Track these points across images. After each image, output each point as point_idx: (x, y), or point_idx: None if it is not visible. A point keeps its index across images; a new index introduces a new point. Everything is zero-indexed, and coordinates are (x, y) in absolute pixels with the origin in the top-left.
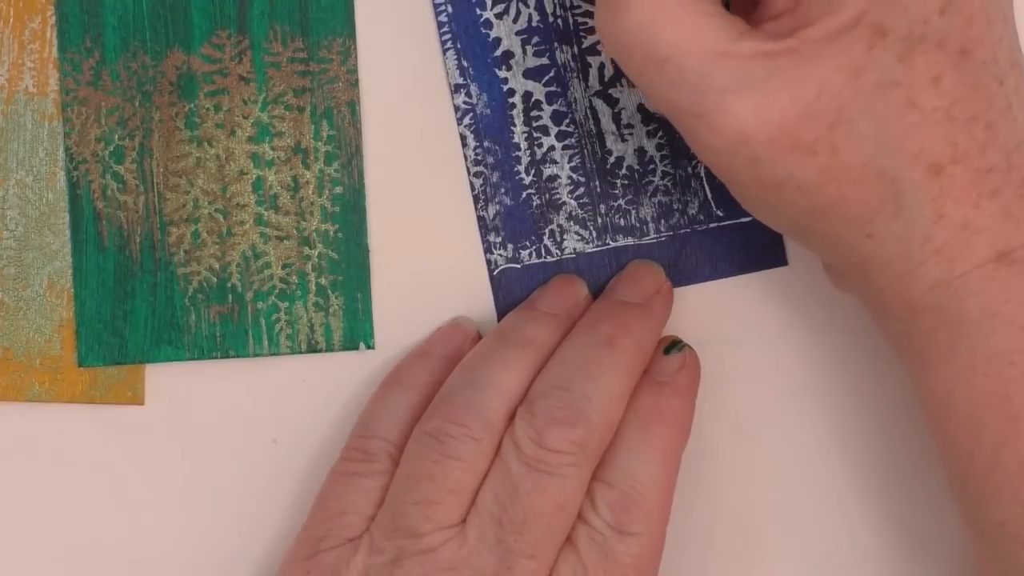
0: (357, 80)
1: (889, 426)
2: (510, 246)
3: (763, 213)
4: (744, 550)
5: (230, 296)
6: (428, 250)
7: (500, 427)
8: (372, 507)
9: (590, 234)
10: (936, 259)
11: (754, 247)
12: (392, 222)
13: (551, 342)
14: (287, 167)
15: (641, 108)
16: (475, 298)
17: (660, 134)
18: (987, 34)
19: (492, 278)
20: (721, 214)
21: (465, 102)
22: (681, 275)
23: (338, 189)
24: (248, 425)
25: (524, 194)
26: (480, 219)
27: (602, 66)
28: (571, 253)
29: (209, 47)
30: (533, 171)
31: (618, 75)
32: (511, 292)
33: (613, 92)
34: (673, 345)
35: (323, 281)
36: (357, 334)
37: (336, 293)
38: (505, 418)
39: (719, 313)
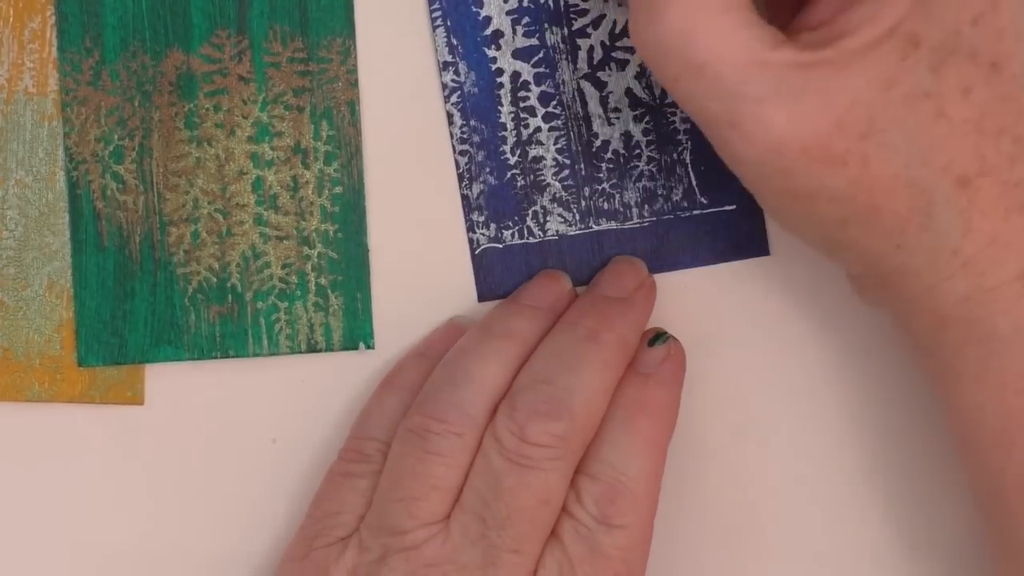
0: (357, 80)
1: (882, 423)
2: (493, 225)
3: (793, 224)
4: (740, 548)
5: (230, 296)
6: (428, 251)
7: (483, 421)
8: (365, 507)
9: (573, 217)
10: (964, 272)
11: (737, 236)
12: (392, 222)
13: (533, 336)
14: (287, 167)
15: (628, 92)
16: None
17: (647, 119)
18: (1017, 48)
19: (474, 257)
20: (705, 201)
21: (453, 80)
22: (662, 261)
23: (338, 189)
24: (248, 425)
25: (509, 174)
26: (464, 197)
27: (591, 48)
28: (553, 235)
29: (209, 47)
30: (519, 152)
31: (607, 58)
32: (492, 271)
33: (601, 75)
34: (658, 337)
35: (323, 281)
36: (357, 334)
37: (336, 293)
38: (487, 412)
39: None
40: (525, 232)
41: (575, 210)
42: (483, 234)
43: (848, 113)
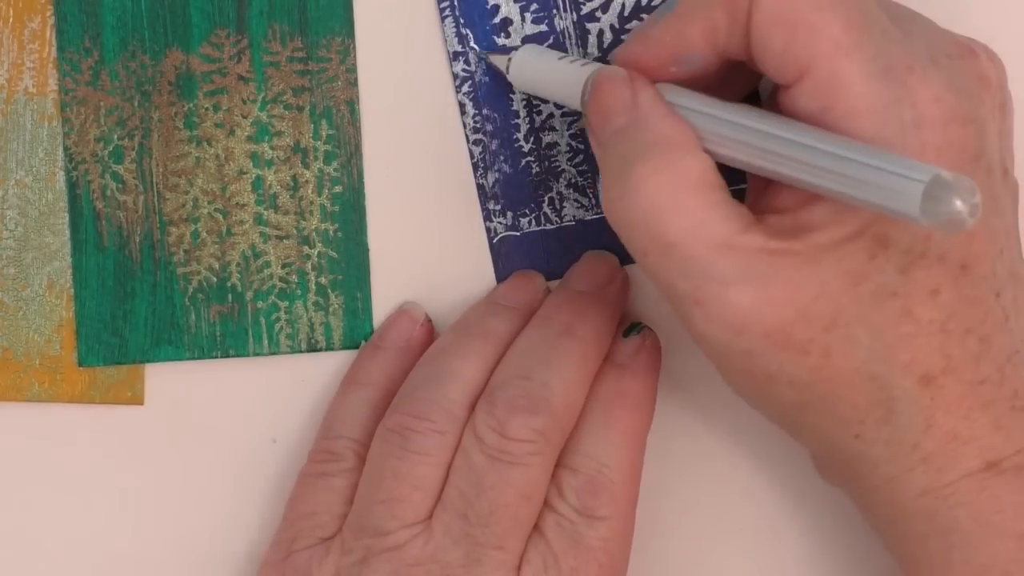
0: (356, 79)
1: None
2: (509, 214)
3: (752, 401)
4: (739, 549)
5: (230, 296)
6: (428, 247)
7: (463, 418)
8: (342, 505)
9: (589, 201)
10: (924, 467)
11: None
12: (392, 221)
13: (510, 333)
14: (286, 166)
15: None
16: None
17: None
18: (988, 248)
19: (492, 246)
20: None
21: (464, 70)
22: None
23: (337, 188)
24: (248, 425)
25: (523, 162)
26: (479, 187)
27: (601, 32)
28: (571, 220)
29: (208, 46)
30: (532, 138)
31: (617, 42)
32: (511, 260)
33: (612, 59)
34: (632, 327)
35: (323, 280)
36: (357, 333)
37: (336, 292)
38: (467, 410)
39: None
40: (542, 219)
41: (591, 195)
42: (500, 223)
43: (813, 304)
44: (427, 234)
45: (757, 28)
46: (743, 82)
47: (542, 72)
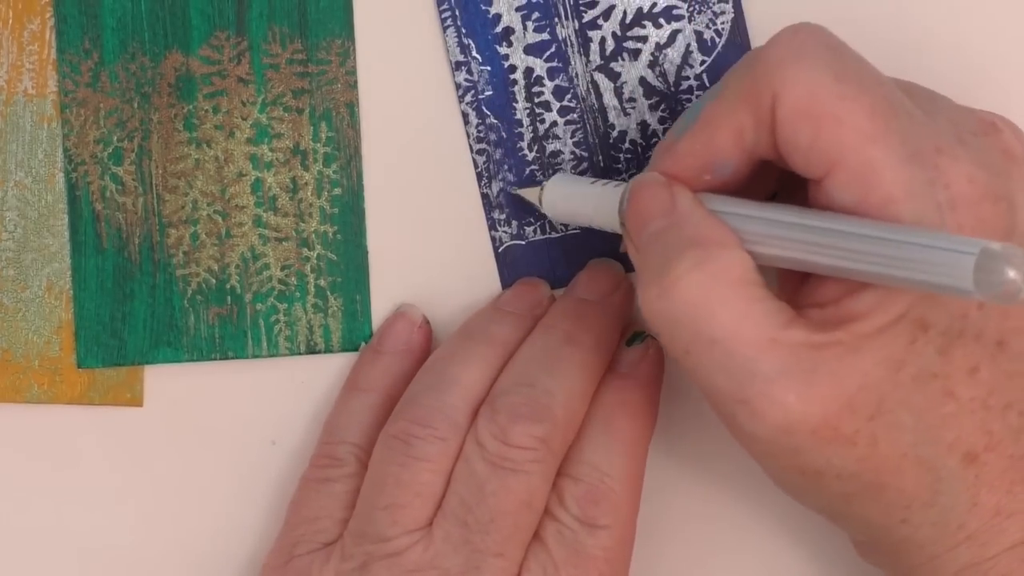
0: (356, 81)
1: None
2: (514, 223)
3: (798, 495)
4: (737, 550)
5: (229, 298)
6: (428, 248)
7: (465, 425)
8: (343, 510)
9: None
10: (968, 544)
11: None
12: (392, 223)
13: (514, 340)
14: (286, 168)
15: (642, 81)
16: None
17: (662, 107)
18: (1022, 323)
19: (497, 255)
20: None
21: (466, 79)
22: None
23: (337, 191)
24: (247, 427)
25: (528, 170)
26: (484, 196)
27: (603, 40)
28: (575, 229)
29: (208, 48)
30: (536, 147)
31: (619, 49)
32: (516, 269)
33: (615, 66)
34: (635, 336)
35: (322, 282)
36: (356, 335)
37: (335, 294)
38: (470, 416)
39: None
40: (547, 227)
41: None
42: (505, 232)
43: (858, 395)
44: (427, 238)
45: (782, 125)
46: (770, 180)
47: (576, 199)
